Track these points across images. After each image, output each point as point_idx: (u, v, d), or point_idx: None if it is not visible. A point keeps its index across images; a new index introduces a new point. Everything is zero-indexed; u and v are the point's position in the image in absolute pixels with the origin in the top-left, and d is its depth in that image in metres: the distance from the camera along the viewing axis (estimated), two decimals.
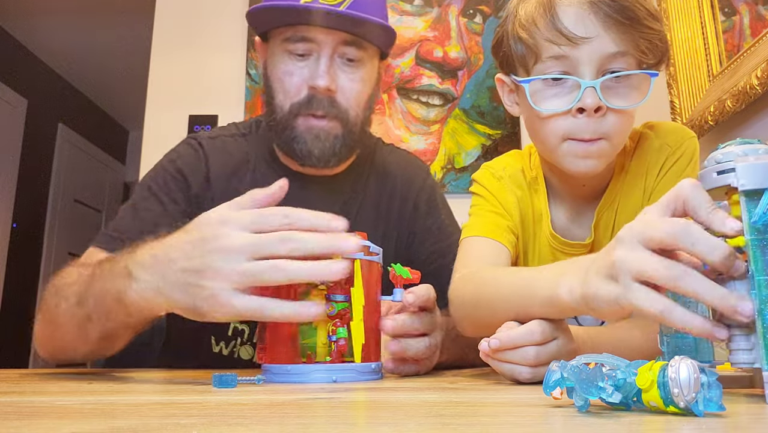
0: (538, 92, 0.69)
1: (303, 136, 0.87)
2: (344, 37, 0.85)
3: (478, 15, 1.99)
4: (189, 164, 0.92)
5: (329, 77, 0.85)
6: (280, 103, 0.88)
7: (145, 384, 0.58)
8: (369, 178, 0.99)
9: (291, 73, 0.86)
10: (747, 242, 0.37)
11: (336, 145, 0.88)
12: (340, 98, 0.87)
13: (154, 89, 1.99)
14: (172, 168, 0.92)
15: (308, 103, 0.86)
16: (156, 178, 0.91)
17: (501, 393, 0.48)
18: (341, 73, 0.87)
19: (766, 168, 0.37)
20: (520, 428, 0.30)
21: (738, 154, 0.39)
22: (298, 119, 0.87)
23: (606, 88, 0.66)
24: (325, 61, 0.85)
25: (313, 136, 0.87)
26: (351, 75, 0.87)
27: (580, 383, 0.34)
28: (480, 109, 1.93)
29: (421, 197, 1.01)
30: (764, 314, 0.36)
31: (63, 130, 4.09)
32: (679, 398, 0.31)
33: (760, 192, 0.37)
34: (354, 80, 0.88)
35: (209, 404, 0.40)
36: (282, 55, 0.87)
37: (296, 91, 0.86)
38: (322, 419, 0.34)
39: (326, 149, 0.87)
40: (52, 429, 0.30)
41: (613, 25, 0.65)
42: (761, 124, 1.13)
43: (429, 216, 1.00)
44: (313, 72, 0.85)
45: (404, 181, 1.01)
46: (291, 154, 0.89)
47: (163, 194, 0.89)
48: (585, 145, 0.68)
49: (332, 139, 0.88)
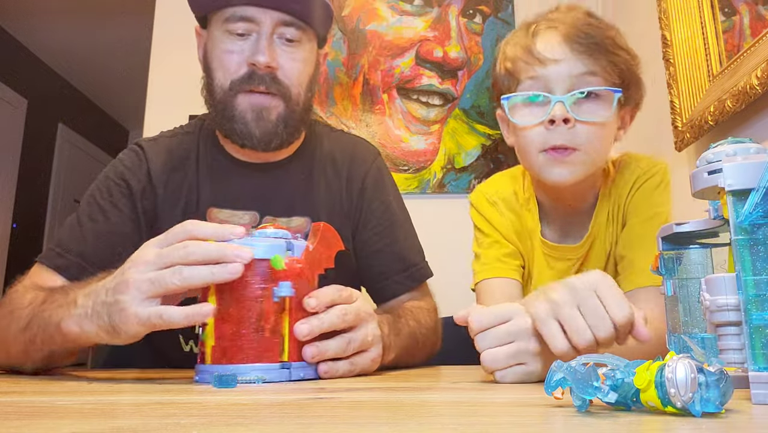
0: (517, 109, 0.81)
1: (244, 115, 0.86)
2: (282, 17, 0.86)
3: (478, 15, 1.99)
4: (130, 168, 0.92)
5: (270, 54, 0.85)
6: (219, 82, 0.88)
7: (145, 384, 0.59)
8: (315, 163, 0.99)
9: (231, 52, 0.86)
10: (734, 242, 0.37)
11: (279, 126, 0.88)
12: (281, 76, 0.87)
13: (154, 89, 1.99)
14: (113, 175, 0.91)
15: (249, 78, 0.85)
16: (99, 188, 0.90)
17: (501, 393, 0.48)
18: (281, 52, 0.87)
19: (752, 168, 0.37)
20: (520, 428, 0.30)
21: (728, 153, 0.39)
22: (238, 96, 0.86)
23: (575, 104, 0.77)
24: (265, 39, 0.85)
25: (255, 115, 0.86)
26: (291, 54, 0.88)
27: (576, 383, 0.34)
28: (480, 109, 1.93)
29: (368, 179, 1.00)
30: (751, 314, 0.36)
31: (63, 130, 4.09)
32: (675, 398, 0.31)
33: (747, 192, 0.37)
34: (294, 59, 0.88)
35: (209, 404, 0.40)
36: (222, 36, 0.87)
37: (236, 68, 0.86)
38: (322, 419, 0.34)
39: (268, 130, 0.87)
40: (52, 429, 0.30)
41: (580, 50, 0.78)
42: (761, 124, 1.13)
43: (375, 198, 1.00)
44: (253, 49, 0.85)
45: (351, 163, 1.00)
46: (231, 134, 0.88)
47: (107, 203, 0.88)
48: (559, 156, 0.78)
49: (274, 118, 0.87)
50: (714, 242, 0.51)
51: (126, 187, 0.90)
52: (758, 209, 0.36)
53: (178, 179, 0.92)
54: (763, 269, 0.36)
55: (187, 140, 0.97)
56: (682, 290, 0.50)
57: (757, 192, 0.36)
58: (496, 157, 1.90)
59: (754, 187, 0.37)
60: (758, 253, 0.36)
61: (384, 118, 1.92)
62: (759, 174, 0.36)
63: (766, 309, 0.36)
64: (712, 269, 0.51)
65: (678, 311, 0.50)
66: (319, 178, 0.97)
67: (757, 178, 0.36)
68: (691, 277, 0.51)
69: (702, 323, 0.49)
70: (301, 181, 0.96)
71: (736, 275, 0.37)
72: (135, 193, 0.90)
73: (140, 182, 0.91)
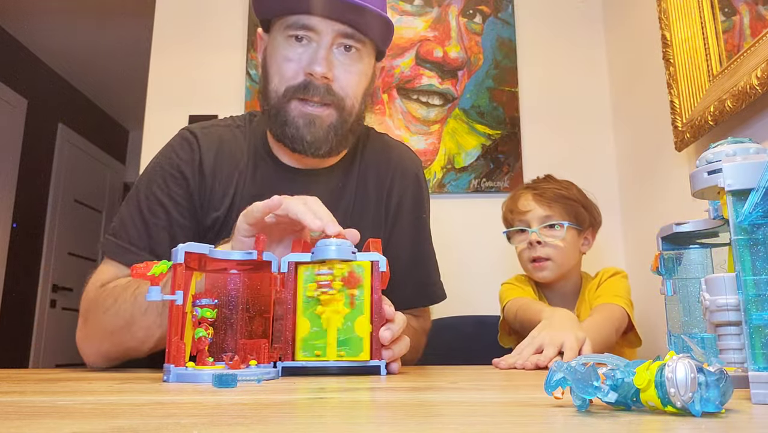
0: (512, 237, 1.39)
1: (296, 120, 0.87)
2: (343, 28, 0.86)
3: (478, 15, 1.99)
4: (185, 160, 0.93)
5: (327, 64, 0.85)
6: (275, 87, 0.89)
7: (145, 384, 0.59)
8: (355, 171, 0.99)
9: (289, 59, 0.87)
10: (734, 242, 0.37)
11: (330, 133, 0.88)
12: (336, 87, 0.87)
13: (154, 89, 2.00)
14: (168, 166, 0.92)
15: (304, 88, 0.86)
16: (156, 179, 0.91)
17: (501, 393, 0.48)
18: (339, 63, 0.87)
19: (752, 168, 0.37)
20: (520, 428, 0.30)
21: (727, 153, 0.39)
22: (291, 103, 0.87)
23: (543, 233, 1.32)
24: (324, 49, 0.86)
25: (307, 122, 0.87)
26: (348, 66, 0.88)
27: (576, 382, 0.34)
28: (480, 109, 1.93)
29: (408, 196, 1.02)
30: (750, 314, 0.36)
31: (63, 130, 4.09)
32: (675, 398, 0.31)
33: (747, 192, 0.37)
34: (351, 71, 0.88)
35: (209, 404, 0.40)
36: (282, 42, 0.88)
37: (293, 75, 0.87)
38: (323, 419, 0.34)
39: (320, 136, 0.88)
40: (52, 429, 0.30)
41: (541, 201, 1.34)
42: (761, 124, 1.13)
43: (411, 213, 1.02)
44: (312, 58, 0.86)
45: (394, 178, 1.01)
46: (282, 138, 0.90)
47: (165, 196, 0.90)
48: (539, 264, 1.33)
49: (326, 126, 0.88)
50: (714, 242, 0.51)
51: (182, 178, 0.91)
52: (758, 209, 0.36)
53: (226, 172, 0.93)
54: (763, 269, 0.36)
55: (238, 134, 0.98)
56: (682, 290, 0.50)
57: (757, 192, 0.36)
58: (496, 157, 1.90)
59: (754, 187, 0.37)
60: (758, 253, 0.36)
61: (384, 118, 1.92)
62: (759, 174, 0.36)
63: (766, 309, 0.36)
64: (712, 269, 0.51)
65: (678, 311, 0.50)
66: (356, 187, 0.98)
67: (757, 178, 0.36)
68: (691, 277, 0.51)
69: (702, 323, 0.49)
70: (337, 189, 0.96)
71: (736, 275, 0.37)
72: (191, 184, 0.91)
73: (194, 172, 0.92)
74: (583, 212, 1.35)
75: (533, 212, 1.33)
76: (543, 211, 1.33)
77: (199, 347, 0.62)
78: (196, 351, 0.62)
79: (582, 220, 1.35)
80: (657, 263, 0.52)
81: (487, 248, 1.80)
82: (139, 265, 0.61)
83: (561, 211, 1.33)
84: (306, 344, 0.65)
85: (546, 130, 1.92)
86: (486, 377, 0.67)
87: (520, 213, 1.35)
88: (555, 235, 1.32)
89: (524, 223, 1.34)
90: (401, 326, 0.68)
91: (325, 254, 0.65)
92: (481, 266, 1.80)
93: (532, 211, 1.33)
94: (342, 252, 0.65)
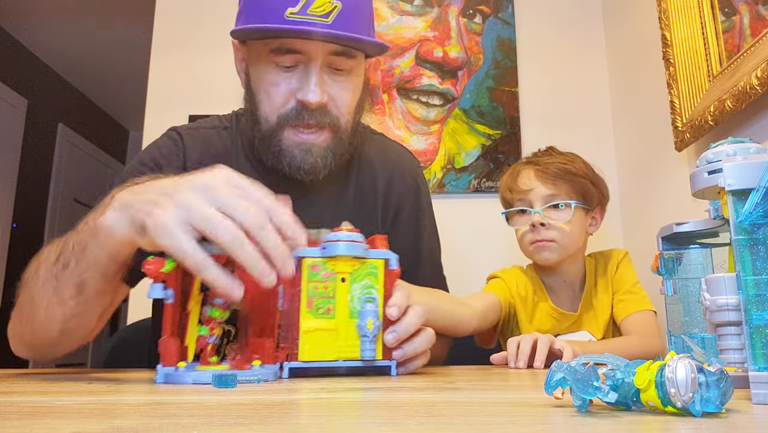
0: (512, 218, 1.24)
1: (291, 150, 0.84)
2: (333, 47, 0.81)
3: (478, 15, 1.99)
4: (166, 156, 0.91)
5: (320, 90, 0.81)
6: (265, 114, 0.84)
7: (145, 384, 0.58)
8: (352, 173, 0.97)
9: (277, 84, 0.82)
10: (734, 242, 0.37)
11: (327, 157, 0.85)
12: (331, 107, 0.84)
13: (154, 89, 1.99)
14: (148, 160, 0.90)
15: (297, 115, 0.82)
16: (133, 173, 0.89)
17: (501, 393, 0.48)
18: (332, 83, 0.83)
19: (752, 168, 0.37)
20: (520, 428, 0.30)
21: (728, 153, 0.39)
22: (284, 131, 0.84)
23: (547, 214, 1.17)
24: (315, 74, 0.81)
25: (303, 150, 0.84)
26: (341, 84, 0.84)
27: (576, 383, 0.34)
28: (480, 109, 1.93)
29: (407, 201, 1.00)
30: (751, 314, 0.36)
31: (63, 130, 4.09)
32: (676, 398, 0.31)
33: (747, 192, 0.37)
34: (344, 89, 0.85)
35: (209, 404, 0.40)
36: (267, 66, 0.83)
37: (283, 101, 0.83)
38: (323, 419, 0.34)
39: (317, 164, 0.85)
40: (52, 429, 0.30)
41: (544, 178, 1.19)
42: (761, 124, 1.13)
43: (410, 216, 1.01)
44: (303, 85, 0.81)
45: (391, 181, 1.00)
46: (278, 166, 0.86)
47: None
48: (540, 245, 1.18)
49: (323, 151, 0.85)
50: (714, 242, 0.51)
51: (157, 168, 0.88)
52: (758, 209, 0.36)
53: None
54: (763, 269, 0.36)
55: (225, 136, 0.95)
56: (683, 290, 0.50)
57: (757, 192, 0.36)
58: (496, 157, 1.90)
59: (754, 187, 0.36)
60: (758, 253, 0.36)
61: (384, 118, 1.92)
62: (759, 174, 0.36)
63: (766, 309, 0.36)
64: (712, 269, 0.51)
65: (678, 311, 0.50)
66: (353, 190, 0.96)
67: (757, 178, 0.36)
68: (691, 277, 0.51)
69: (702, 323, 0.49)
70: (333, 193, 0.94)
71: (736, 274, 0.37)
72: None
73: (174, 169, 0.88)
74: (591, 189, 1.20)
75: (535, 191, 1.18)
76: (546, 189, 1.17)
77: (200, 346, 0.61)
78: (199, 350, 0.61)
79: (590, 198, 1.20)
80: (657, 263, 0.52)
81: (487, 248, 1.80)
82: (151, 260, 0.58)
83: (567, 189, 1.17)
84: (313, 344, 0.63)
85: (546, 130, 1.92)
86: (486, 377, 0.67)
87: (521, 192, 1.19)
88: (560, 216, 1.17)
89: (525, 203, 1.20)
90: (411, 325, 0.65)
91: (337, 250, 0.63)
92: (482, 266, 1.80)
93: (535, 189, 1.18)
94: (353, 248, 0.63)
